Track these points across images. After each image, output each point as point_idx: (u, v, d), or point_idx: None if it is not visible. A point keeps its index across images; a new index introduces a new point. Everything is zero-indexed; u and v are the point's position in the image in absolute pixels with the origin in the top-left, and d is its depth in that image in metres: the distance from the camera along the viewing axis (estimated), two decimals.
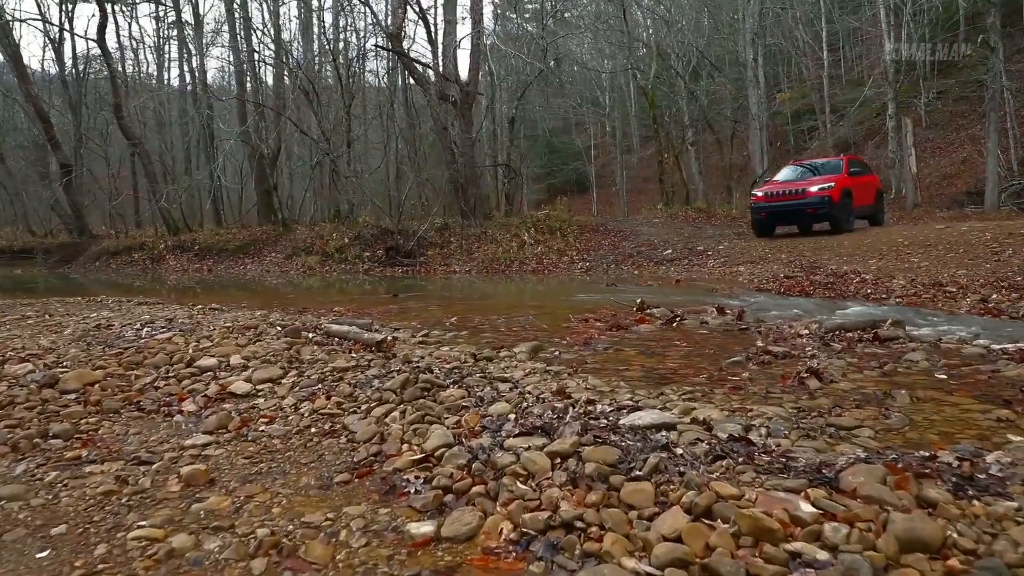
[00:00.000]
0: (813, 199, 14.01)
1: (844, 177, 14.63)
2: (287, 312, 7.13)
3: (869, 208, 15.79)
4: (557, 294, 9.39)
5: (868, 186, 15.79)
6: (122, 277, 20.26)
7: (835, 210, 13.90)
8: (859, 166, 16.19)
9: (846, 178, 14.64)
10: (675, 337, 4.99)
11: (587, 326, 5.56)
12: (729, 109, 32.50)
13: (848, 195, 14.35)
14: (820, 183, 14.21)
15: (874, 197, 16.00)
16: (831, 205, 13.83)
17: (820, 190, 13.98)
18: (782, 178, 16.09)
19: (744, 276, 10.82)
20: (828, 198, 13.84)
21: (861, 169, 16.07)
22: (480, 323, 5.88)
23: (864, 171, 16.25)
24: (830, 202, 13.81)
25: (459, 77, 17.94)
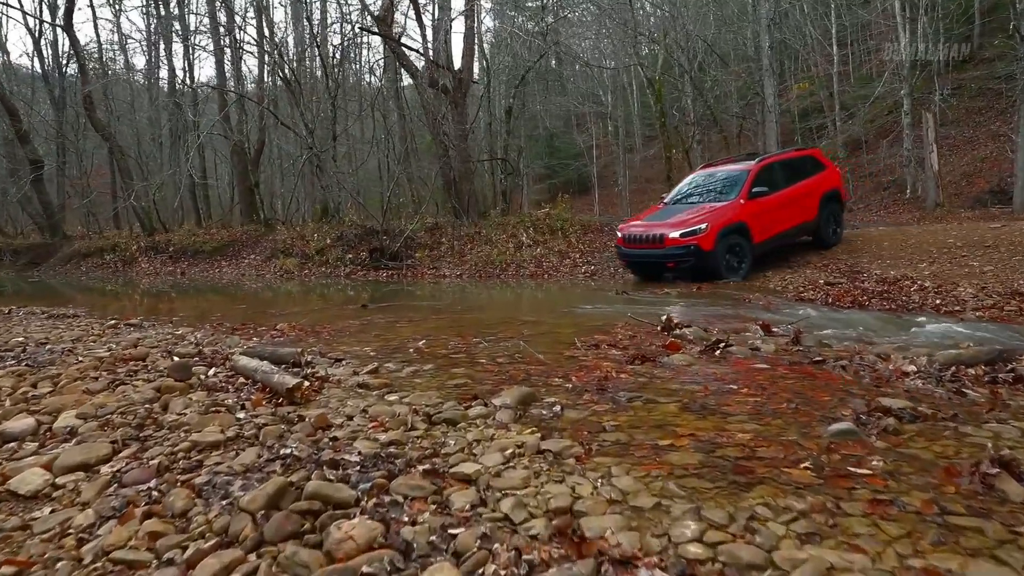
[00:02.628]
0: (673, 250, 10.31)
1: (730, 209, 10.54)
2: (216, 330, 5.65)
3: (809, 226, 11.56)
4: (558, 304, 7.90)
5: (805, 196, 11.41)
6: (92, 280, 18.86)
7: (707, 261, 10.13)
8: (790, 169, 11.60)
9: (735, 209, 10.51)
10: (726, 375, 3.49)
11: (599, 356, 4.06)
12: (736, 105, 31.07)
13: (737, 233, 10.40)
14: (684, 226, 10.34)
15: (816, 209, 11.52)
16: (699, 256, 10.10)
17: (683, 237, 10.21)
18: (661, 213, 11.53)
19: (775, 282, 9.32)
20: (694, 247, 10.08)
21: (796, 172, 11.60)
22: (455, 349, 4.38)
23: (803, 173, 11.65)
24: (697, 252, 10.08)
25: (452, 64, 16.43)
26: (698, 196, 11.56)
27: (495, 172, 20.01)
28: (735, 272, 10.31)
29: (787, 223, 11.14)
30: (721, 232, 10.22)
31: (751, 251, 10.56)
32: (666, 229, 10.55)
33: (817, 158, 12.29)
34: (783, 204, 11.08)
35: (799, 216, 11.32)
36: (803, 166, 11.85)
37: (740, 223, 10.47)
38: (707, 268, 10.20)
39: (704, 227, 10.17)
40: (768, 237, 10.84)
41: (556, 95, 35.34)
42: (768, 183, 11.00)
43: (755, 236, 10.57)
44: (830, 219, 11.89)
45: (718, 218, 10.36)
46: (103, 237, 23.48)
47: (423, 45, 17.37)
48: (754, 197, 10.67)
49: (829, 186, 11.91)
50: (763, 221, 10.71)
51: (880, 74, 33.46)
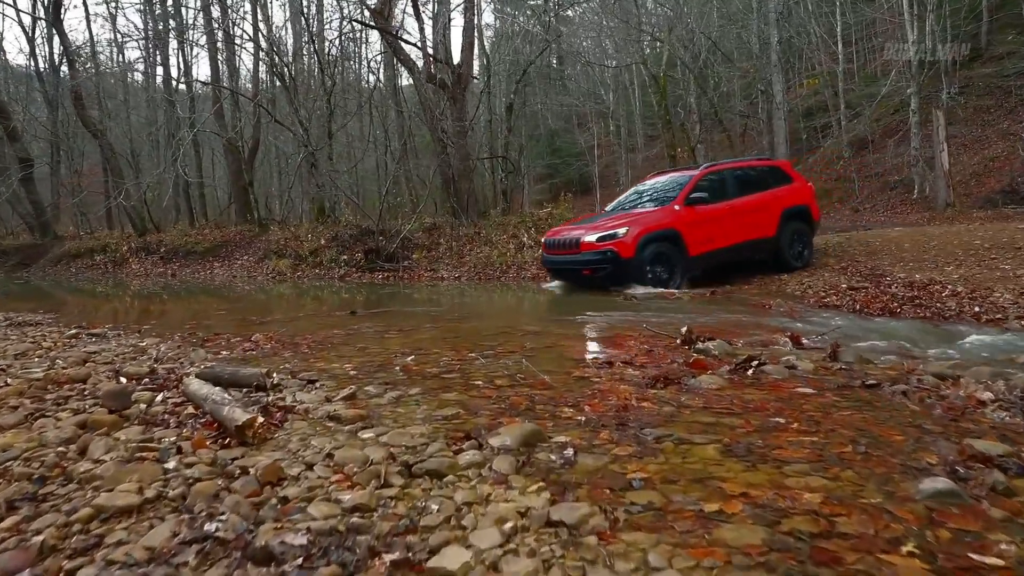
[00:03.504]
0: (589, 255, 9.42)
1: (660, 214, 9.73)
2: (186, 341, 5.09)
3: (766, 243, 10.35)
4: (562, 310, 7.35)
5: (761, 210, 10.34)
6: (81, 281, 18.37)
7: (626, 269, 9.18)
8: (746, 179, 10.65)
9: (666, 215, 9.66)
10: (767, 402, 2.94)
11: (614, 377, 3.50)
12: (740, 103, 30.53)
13: (666, 241, 9.43)
14: (601, 230, 9.50)
15: (776, 225, 10.37)
16: (617, 263, 9.18)
17: (599, 241, 9.35)
18: (593, 219, 11.08)
19: (793, 286, 8.76)
20: (611, 253, 9.22)
21: (753, 182, 10.64)
22: (448, 367, 3.82)
23: (762, 185, 10.65)
24: (614, 259, 9.18)
25: (450, 58, 15.88)
26: (639, 203, 10.71)
27: (495, 171, 19.45)
28: (663, 286, 9.24)
29: (735, 237, 10.02)
30: (645, 239, 9.27)
31: (685, 263, 9.56)
32: (583, 233, 9.70)
33: (783, 170, 11.20)
34: (731, 215, 10.03)
35: (753, 231, 10.19)
36: (763, 177, 10.80)
37: (670, 230, 9.50)
38: (626, 278, 9.20)
39: (624, 232, 9.27)
40: (709, 250, 9.77)
41: (557, 94, 34.74)
42: (713, 191, 10.04)
43: (691, 247, 9.57)
44: (794, 239, 10.63)
45: (643, 223, 9.47)
46: (94, 237, 22.96)
47: (421, 40, 16.82)
48: (692, 204, 9.71)
49: (794, 201, 10.72)
50: (703, 231, 9.69)
51: (885, 72, 32.97)
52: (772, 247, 10.42)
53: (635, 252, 9.16)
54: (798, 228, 10.67)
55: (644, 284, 9.13)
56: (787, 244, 10.49)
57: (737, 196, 10.29)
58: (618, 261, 9.16)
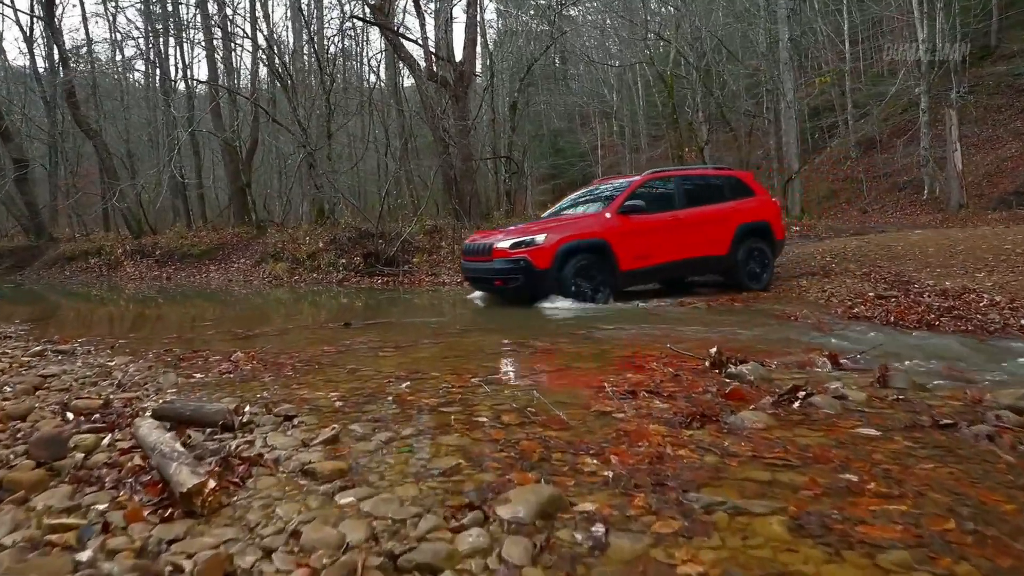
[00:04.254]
0: (500, 264, 8.32)
1: (587, 222, 8.73)
2: (160, 360, 4.63)
3: (717, 262, 9.45)
4: (572, 323, 6.86)
5: (712, 224, 9.33)
6: (75, 285, 17.94)
7: (540, 281, 8.09)
8: (697, 189, 9.58)
9: (595, 223, 8.62)
10: (828, 450, 2.45)
11: (640, 412, 3.01)
12: (746, 102, 30.02)
13: (592, 252, 8.32)
14: (515, 236, 8.42)
15: (729, 243, 9.37)
16: (530, 274, 8.06)
17: (512, 249, 8.21)
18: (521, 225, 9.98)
19: (815, 293, 8.26)
20: (523, 263, 8.06)
21: (705, 194, 9.60)
22: (448, 397, 3.34)
23: (716, 197, 9.61)
24: (527, 269, 8.05)
25: (452, 56, 15.41)
26: (574, 210, 9.75)
27: (498, 171, 18.97)
28: (588, 300, 8.19)
29: (679, 253, 8.99)
30: (566, 248, 8.13)
31: (614, 278, 8.48)
32: (497, 239, 8.59)
33: (743, 182, 10.07)
34: (675, 229, 8.98)
35: (701, 247, 9.18)
36: (718, 189, 9.72)
37: (598, 240, 8.39)
38: (541, 291, 8.15)
39: (541, 239, 8.11)
40: (645, 265, 8.73)
41: (561, 93, 34.24)
42: (656, 200, 9.08)
43: (622, 260, 8.48)
44: (750, 258, 9.55)
45: (565, 231, 8.35)
46: (89, 240, 22.53)
47: (422, 36, 16.35)
48: (627, 212, 8.64)
49: (753, 217, 9.67)
50: (638, 244, 8.64)
51: (892, 72, 32.48)
52: (724, 266, 9.50)
53: (552, 263, 8.01)
54: (756, 247, 9.57)
55: (567, 297, 8.08)
56: (742, 264, 9.43)
57: (685, 207, 9.24)
58: (531, 272, 8.04)
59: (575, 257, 8.19)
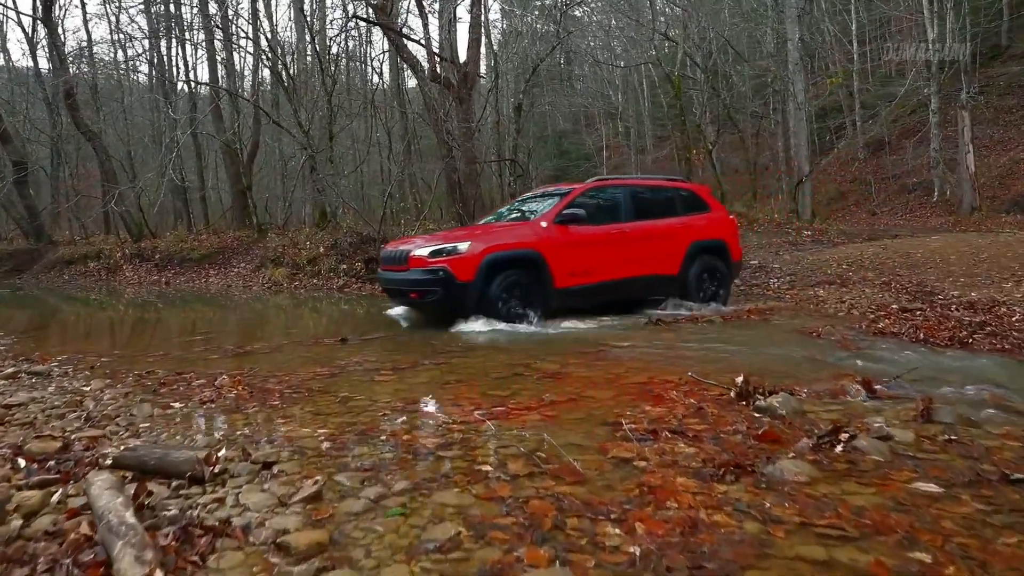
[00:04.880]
0: (416, 275, 7.22)
1: (520, 231, 7.69)
2: (139, 384, 4.30)
3: (666, 282, 8.43)
4: (583, 339, 6.51)
5: (661, 240, 8.41)
6: (74, 289, 17.67)
7: (461, 296, 7.04)
8: (646, 201, 8.65)
9: (528, 233, 7.56)
10: (887, 515, 2.11)
11: (663, 459, 2.66)
12: (753, 104, 29.64)
13: (523, 266, 7.31)
14: (436, 243, 7.35)
15: (680, 260, 8.47)
16: (449, 287, 6.98)
17: (430, 257, 7.13)
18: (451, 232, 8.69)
19: (833, 304, 7.89)
20: (442, 274, 6.98)
21: (655, 207, 8.67)
22: (448, 438, 2.98)
23: (667, 210, 8.70)
24: (447, 281, 6.97)
25: (456, 56, 15.08)
26: (511, 218, 8.76)
27: (503, 174, 18.65)
28: (516, 319, 7.17)
29: (624, 270, 8.03)
30: (492, 259, 7.10)
31: (547, 296, 7.44)
32: (415, 245, 7.57)
33: (699, 196, 9.15)
34: (620, 243, 8.05)
35: (648, 265, 8.25)
36: (670, 202, 8.82)
37: (531, 252, 7.37)
38: (463, 307, 7.13)
39: (464, 247, 7.07)
40: (585, 283, 7.73)
41: (565, 94, 33.92)
42: (600, 211, 8.20)
43: (558, 277, 7.48)
44: (703, 278, 8.65)
45: (493, 239, 7.35)
46: (88, 243, 22.25)
47: (425, 36, 16.01)
48: (566, 223, 7.65)
49: (707, 235, 8.78)
50: (577, 258, 7.68)
51: (900, 72, 32.07)
52: (674, 287, 8.51)
53: (475, 275, 6.98)
54: (712, 267, 8.72)
55: (492, 317, 7.09)
56: (694, 284, 8.54)
57: (633, 220, 8.32)
58: (451, 284, 6.96)
59: (503, 270, 7.17)
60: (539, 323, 7.23)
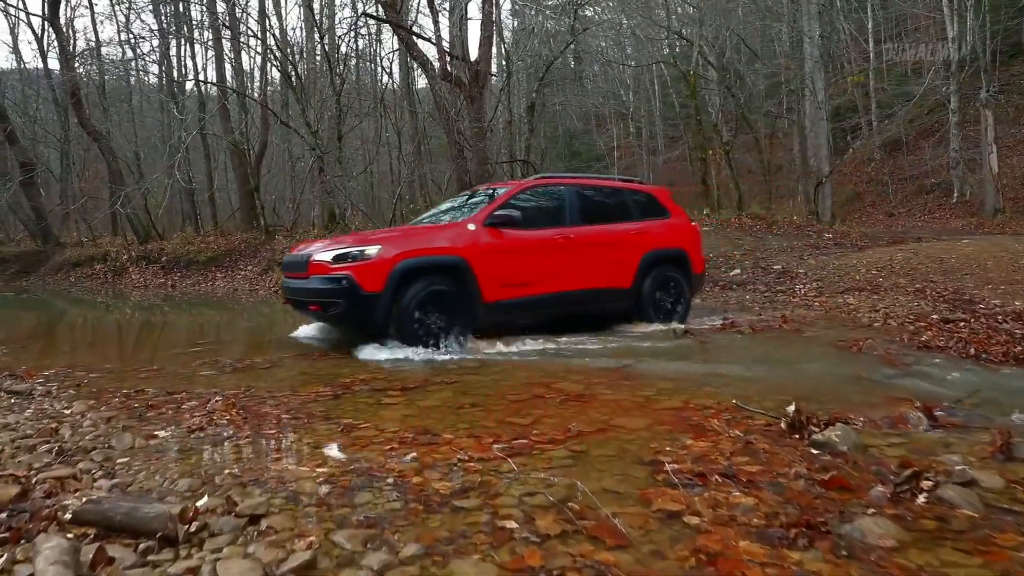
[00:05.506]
0: (316, 283, 6.12)
1: (442, 233, 6.61)
2: (126, 406, 3.96)
3: (617, 296, 7.41)
4: (605, 357, 6.11)
5: (613, 248, 7.38)
6: (82, 292, 17.44)
7: (368, 310, 5.91)
8: (596, 204, 7.66)
9: (453, 236, 6.48)
10: None
11: (718, 511, 2.27)
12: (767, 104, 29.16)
13: (446, 275, 6.20)
14: (342, 246, 6.21)
15: (634, 272, 7.46)
16: (353, 298, 5.85)
17: (334, 263, 6.04)
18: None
19: (867, 313, 7.46)
20: (346, 282, 5.87)
21: (606, 211, 7.70)
22: (465, 481, 2.60)
23: (620, 215, 7.72)
24: (351, 292, 5.85)
25: (467, 55, 14.72)
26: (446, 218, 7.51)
27: (515, 175, 18.28)
28: (435, 340, 6.03)
29: (567, 281, 6.96)
30: (406, 266, 5.95)
31: (474, 312, 6.32)
32: (317, 248, 6.46)
33: (657, 200, 8.13)
34: (563, 250, 6.98)
35: (596, 276, 7.19)
36: (622, 205, 7.82)
37: (454, 259, 6.24)
38: (371, 323, 6.00)
39: (373, 252, 5.93)
40: (520, 296, 6.65)
41: (576, 94, 33.50)
42: (540, 214, 7.21)
43: (487, 289, 6.35)
44: (660, 292, 7.67)
45: (409, 243, 6.25)
46: (95, 245, 22.02)
47: (436, 34, 15.66)
48: (499, 225, 6.57)
49: (665, 243, 7.81)
50: (512, 267, 6.59)
51: (917, 71, 31.52)
52: (626, 302, 7.50)
53: (385, 284, 5.83)
54: (668, 278, 7.74)
55: (405, 336, 5.94)
56: (649, 298, 7.55)
57: (579, 224, 7.26)
58: (356, 296, 5.82)
59: (420, 280, 6.02)
60: (464, 345, 6.11)
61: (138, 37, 30.11)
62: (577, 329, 6.93)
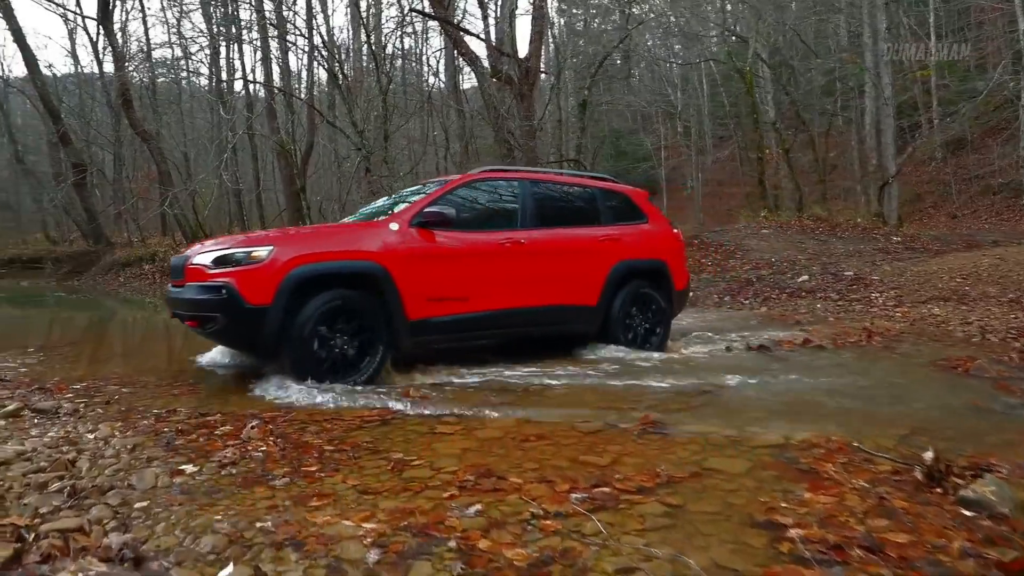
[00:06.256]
0: (193, 292, 4.91)
1: (356, 235, 5.36)
2: (158, 427, 3.61)
3: (578, 314, 6.18)
4: (675, 373, 5.58)
5: (575, 257, 6.20)
6: (130, 292, 17.55)
7: (252, 328, 4.67)
8: (555, 204, 6.47)
9: (368, 237, 5.22)
10: None
11: None
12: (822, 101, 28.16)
13: (354, 285, 4.95)
14: (226, 247, 4.95)
15: (600, 287, 6.26)
16: (234, 312, 4.61)
17: (214, 267, 4.80)
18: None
19: (958, 327, 6.78)
20: (226, 291, 4.62)
21: (569, 213, 6.54)
22: (538, 542, 2.14)
23: (585, 218, 6.52)
24: (230, 304, 4.60)
25: (517, 50, 14.30)
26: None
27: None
28: (342, 370, 4.80)
29: (517, 297, 5.76)
30: (303, 275, 4.73)
31: (396, 333, 5.07)
32: (198, 250, 5.21)
33: (632, 201, 6.93)
34: (512, 258, 5.77)
35: (553, 290, 5.98)
36: (589, 207, 6.61)
37: (368, 265, 5.01)
38: (257, 344, 4.89)
39: (262, 254, 4.71)
40: (455, 313, 5.40)
41: (622, 93, 32.81)
42: (485, 214, 6.13)
43: (412, 303, 5.12)
44: (634, 311, 6.48)
45: (310, 245, 5.01)
46: (144, 245, 22.24)
47: (484, 30, 15.29)
48: (429, 226, 5.32)
49: (641, 252, 6.62)
50: (444, 277, 5.37)
51: (981, 66, 30.17)
52: (591, 322, 6.27)
53: (275, 296, 4.62)
54: (642, 295, 6.53)
55: (300, 369, 4.67)
56: (619, 319, 6.32)
57: (534, 228, 6.01)
58: (236, 309, 4.61)
59: (322, 292, 4.77)
60: (372, 376, 4.88)
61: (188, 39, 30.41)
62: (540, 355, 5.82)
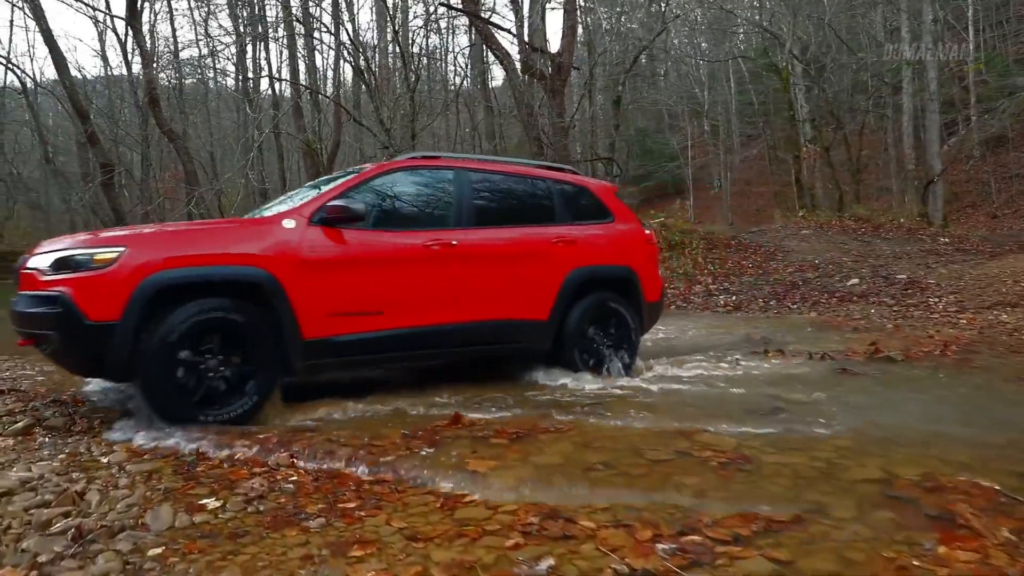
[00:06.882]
0: (26, 304, 3.77)
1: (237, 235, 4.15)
2: (173, 459, 3.25)
3: (526, 331, 5.09)
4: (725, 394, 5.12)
5: (521, 262, 5.07)
6: None
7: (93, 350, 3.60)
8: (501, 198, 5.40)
9: (255, 239, 4.10)
10: None
11: None
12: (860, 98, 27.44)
13: (231, 295, 3.86)
14: (68, 248, 3.79)
15: (553, 299, 5.14)
16: (70, 329, 3.53)
17: (52, 272, 3.68)
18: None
19: (1017, 334, 6.26)
20: (62, 304, 3.52)
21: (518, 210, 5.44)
22: None
23: (538, 216, 5.39)
24: (68, 318, 3.50)
25: (548, 46, 13.91)
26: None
27: (596, 174, 17.35)
28: (209, 404, 3.78)
29: (447, 312, 4.73)
30: (160, 283, 3.68)
31: (287, 357, 4.06)
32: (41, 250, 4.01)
33: (595, 196, 5.84)
34: (441, 263, 4.71)
35: (494, 303, 4.94)
36: (541, 203, 5.50)
37: (251, 272, 3.97)
38: (100, 370, 3.91)
39: (109, 256, 3.65)
40: (367, 331, 4.38)
41: (649, 91, 32.24)
42: (410, 210, 5.01)
43: (308, 318, 4.12)
44: (595, 329, 5.45)
45: (175, 246, 3.91)
46: None
47: (516, 24, 14.91)
48: (334, 223, 4.29)
49: (603, 257, 5.58)
50: (351, 286, 4.34)
51: (1020, 62, 29.43)
52: (541, 338, 5.20)
53: (124, 310, 3.59)
54: (604, 308, 5.48)
55: (155, 401, 3.67)
56: (575, 337, 5.26)
57: (471, 227, 4.96)
58: (73, 326, 3.57)
59: (189, 303, 3.75)
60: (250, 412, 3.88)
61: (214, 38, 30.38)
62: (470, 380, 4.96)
